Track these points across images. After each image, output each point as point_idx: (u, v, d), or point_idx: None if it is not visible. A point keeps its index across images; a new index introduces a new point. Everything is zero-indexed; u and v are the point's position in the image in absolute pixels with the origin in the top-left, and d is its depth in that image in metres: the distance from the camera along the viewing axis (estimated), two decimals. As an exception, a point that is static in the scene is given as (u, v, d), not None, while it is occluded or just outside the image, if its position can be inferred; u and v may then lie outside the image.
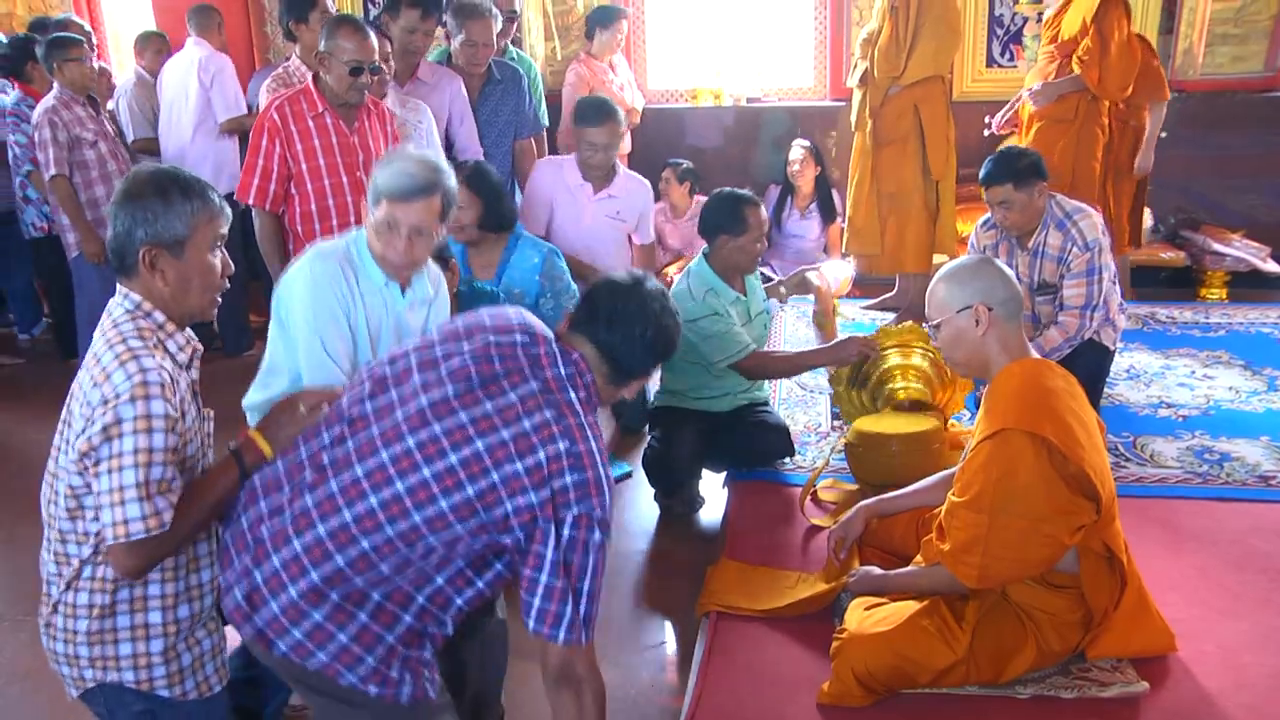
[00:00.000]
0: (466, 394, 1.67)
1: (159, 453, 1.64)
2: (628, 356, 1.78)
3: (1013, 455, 2.07)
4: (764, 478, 3.35)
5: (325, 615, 1.64)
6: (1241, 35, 5.40)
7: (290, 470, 1.72)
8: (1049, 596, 2.21)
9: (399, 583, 1.66)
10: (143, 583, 1.77)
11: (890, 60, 4.54)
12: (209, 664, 1.89)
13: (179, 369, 1.75)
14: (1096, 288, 3.39)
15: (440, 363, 1.73)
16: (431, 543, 1.63)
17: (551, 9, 5.87)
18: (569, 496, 1.63)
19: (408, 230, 2.15)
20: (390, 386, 1.73)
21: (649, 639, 2.68)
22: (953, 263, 2.32)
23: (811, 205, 5.69)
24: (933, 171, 4.67)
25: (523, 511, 1.62)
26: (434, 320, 2.35)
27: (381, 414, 1.70)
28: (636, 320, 1.78)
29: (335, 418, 1.74)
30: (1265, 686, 2.24)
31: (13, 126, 4.80)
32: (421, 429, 1.65)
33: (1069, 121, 4.43)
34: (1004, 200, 3.42)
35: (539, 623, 1.65)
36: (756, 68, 6.13)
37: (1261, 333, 4.63)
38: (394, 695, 1.68)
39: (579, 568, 1.65)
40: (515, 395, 1.67)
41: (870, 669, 2.18)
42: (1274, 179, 5.44)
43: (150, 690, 1.80)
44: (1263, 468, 3.28)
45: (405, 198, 2.13)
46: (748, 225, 3.17)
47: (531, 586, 1.64)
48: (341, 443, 1.70)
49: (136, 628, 1.78)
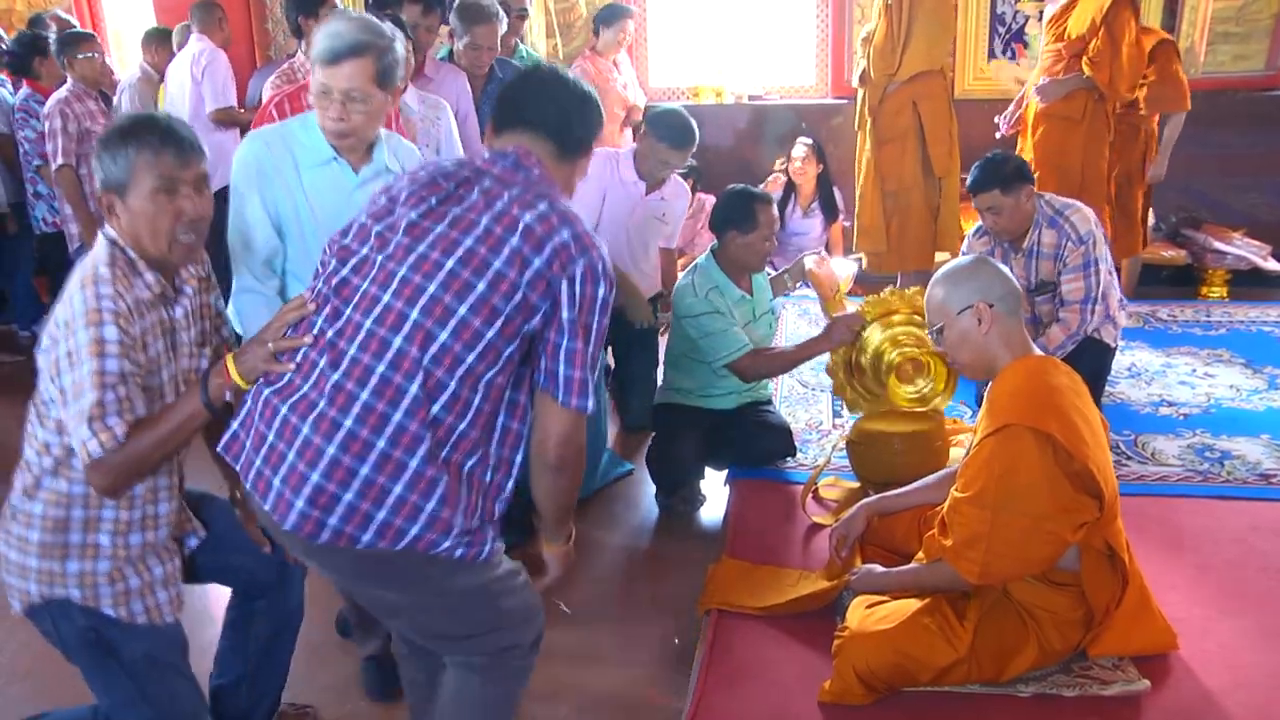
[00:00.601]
0: (430, 212, 1.67)
1: (112, 375, 1.67)
2: (561, 123, 1.76)
3: (1017, 451, 2.07)
4: (765, 476, 3.35)
5: (406, 485, 1.56)
6: (1243, 34, 5.40)
7: (302, 366, 1.65)
8: (1050, 594, 2.21)
9: (460, 426, 1.61)
10: (99, 504, 1.79)
11: (885, 58, 4.55)
12: (160, 591, 1.89)
13: (151, 303, 1.78)
14: (1095, 279, 3.39)
15: (394, 203, 1.71)
16: (472, 363, 1.59)
17: (554, 6, 5.87)
18: (570, 250, 1.62)
19: (340, 95, 2.05)
20: (356, 243, 1.70)
21: (649, 636, 2.68)
22: (948, 265, 2.33)
23: (814, 203, 5.69)
24: (935, 168, 4.67)
25: (536, 281, 1.60)
26: None
27: (361, 267, 1.67)
28: (551, 88, 1.78)
29: (319, 302, 1.69)
30: (1266, 685, 2.24)
31: (21, 122, 4.81)
32: (408, 256, 1.63)
33: (1077, 120, 4.43)
34: (992, 206, 3.43)
35: (568, 393, 1.64)
36: (758, 66, 6.13)
37: (1262, 331, 4.63)
38: (477, 554, 1.65)
39: (592, 329, 1.66)
40: (477, 193, 1.68)
41: (872, 667, 2.18)
42: (1275, 178, 5.45)
43: (96, 608, 1.82)
44: (1263, 466, 3.28)
45: (333, 60, 2.02)
46: (758, 223, 3.17)
47: (556, 354, 1.63)
48: (338, 315, 1.64)
49: (87, 546, 1.81)
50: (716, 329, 3.14)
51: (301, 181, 2.15)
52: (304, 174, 2.15)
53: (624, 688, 2.45)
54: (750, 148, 6.01)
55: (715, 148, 6.01)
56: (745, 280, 3.29)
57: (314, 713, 2.39)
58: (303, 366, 1.64)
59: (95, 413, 1.66)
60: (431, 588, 1.67)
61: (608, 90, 5.27)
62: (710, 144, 6.00)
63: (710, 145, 5.99)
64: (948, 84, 4.66)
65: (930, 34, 4.46)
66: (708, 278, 3.22)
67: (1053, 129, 4.48)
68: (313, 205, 2.16)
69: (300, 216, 2.16)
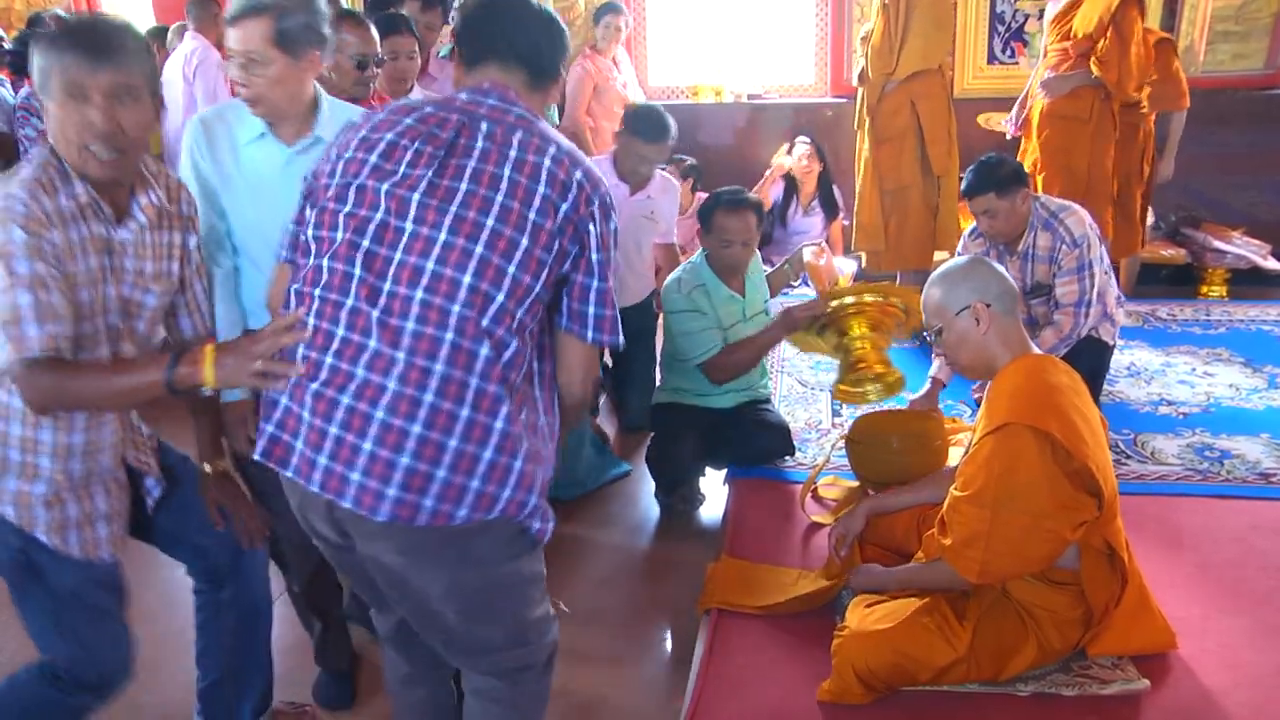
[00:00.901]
0: (444, 168, 1.60)
1: (22, 278, 1.60)
2: (532, 52, 1.72)
3: (1016, 450, 2.07)
4: (765, 475, 3.35)
5: (495, 449, 1.54)
6: (1242, 33, 5.40)
7: (346, 352, 1.55)
8: (1050, 594, 2.21)
9: (519, 381, 1.60)
10: (35, 424, 1.75)
11: (883, 57, 4.55)
12: (101, 526, 1.83)
13: (77, 215, 1.70)
14: (1089, 282, 3.39)
15: (387, 160, 1.61)
16: (522, 317, 1.57)
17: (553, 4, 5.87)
18: (587, 190, 1.62)
19: (239, 58, 1.96)
20: (365, 209, 1.59)
21: (649, 636, 2.68)
22: (943, 266, 2.33)
23: (814, 202, 5.70)
24: (934, 167, 4.67)
25: (566, 226, 1.59)
26: None
27: (385, 235, 1.57)
28: (517, 15, 1.73)
29: (338, 282, 1.57)
30: (1266, 684, 2.24)
31: (21, 121, 4.81)
32: (442, 219, 1.56)
33: (1084, 121, 4.42)
34: (987, 209, 3.43)
35: (599, 331, 1.66)
36: (758, 65, 6.13)
37: (1262, 330, 4.63)
38: (543, 531, 1.66)
39: (607, 264, 1.66)
40: (482, 141, 1.61)
41: (871, 666, 2.18)
42: (1275, 176, 5.44)
43: (29, 531, 1.77)
44: (1263, 465, 3.28)
45: (231, 19, 1.93)
46: (714, 227, 3.18)
47: (586, 295, 1.63)
48: (376, 292, 1.55)
49: (26, 465, 1.77)
50: (694, 328, 3.16)
51: (239, 159, 2.08)
52: (240, 151, 2.08)
53: (623, 687, 2.46)
54: (749, 147, 6.01)
55: (714, 147, 6.01)
56: (737, 280, 3.28)
57: (313, 711, 2.39)
58: (347, 352, 1.54)
59: (8, 317, 1.60)
60: (495, 567, 1.65)
61: (608, 89, 5.28)
62: (709, 143, 6.01)
63: (709, 144, 6.00)
64: (946, 83, 4.65)
65: (926, 33, 4.46)
66: (696, 276, 3.23)
67: (1059, 129, 4.47)
68: (249, 182, 2.09)
69: (238, 194, 2.09)
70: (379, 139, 1.64)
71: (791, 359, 4.52)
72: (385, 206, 1.58)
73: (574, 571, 2.93)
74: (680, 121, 5.96)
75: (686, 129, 6.00)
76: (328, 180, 1.66)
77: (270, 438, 1.60)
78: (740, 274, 3.27)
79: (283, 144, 2.07)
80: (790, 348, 4.62)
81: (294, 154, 2.08)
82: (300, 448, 1.56)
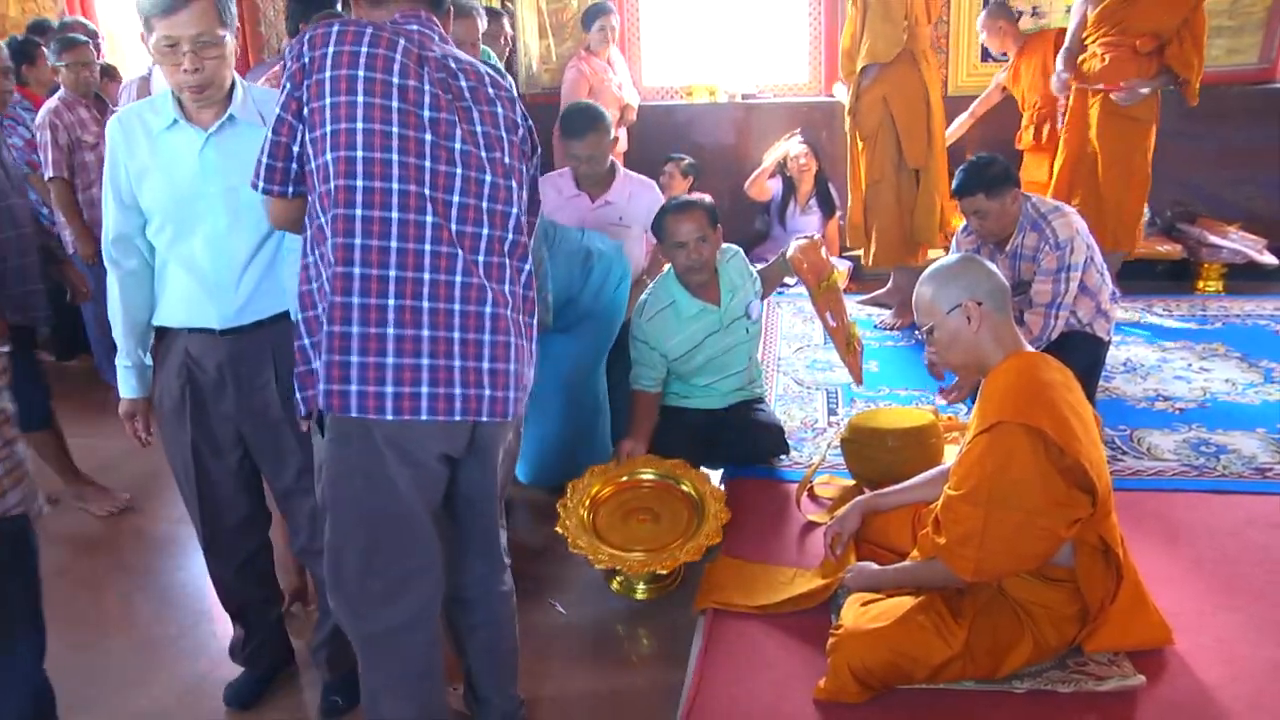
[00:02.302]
0: (454, 109, 1.80)
1: None
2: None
3: (1009, 448, 2.07)
4: (760, 474, 3.35)
5: (528, 339, 1.89)
6: (1236, 28, 5.39)
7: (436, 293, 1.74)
8: (1045, 591, 2.21)
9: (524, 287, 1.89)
10: None
11: (851, 57, 4.60)
12: None
13: None
14: (1064, 286, 3.38)
15: (414, 106, 1.75)
16: (522, 237, 1.88)
17: (545, 6, 5.87)
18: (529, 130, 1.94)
19: (189, 44, 1.95)
20: (421, 157, 1.74)
21: (645, 635, 2.68)
22: (935, 264, 2.32)
23: (811, 200, 5.71)
24: (910, 161, 4.65)
25: (528, 154, 1.94)
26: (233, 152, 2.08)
27: (440, 180, 1.75)
28: None
29: (414, 231, 1.72)
30: (1262, 678, 2.24)
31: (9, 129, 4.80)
32: (490, 150, 1.83)
33: (1148, 122, 4.45)
34: (978, 210, 3.44)
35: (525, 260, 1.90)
36: (752, 64, 6.13)
37: (1258, 325, 4.63)
38: None
39: None
40: (464, 81, 1.82)
41: (867, 665, 2.18)
42: (1270, 171, 5.44)
43: None
44: (1259, 460, 3.28)
45: (171, 9, 1.92)
46: (664, 234, 3.16)
47: (522, 227, 1.88)
48: (454, 230, 1.77)
49: None
50: (638, 358, 3.23)
51: (155, 148, 2.07)
52: (157, 140, 2.07)
53: (619, 687, 2.45)
54: (744, 146, 6.02)
55: (709, 146, 6.02)
56: (710, 290, 3.22)
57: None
58: (440, 293, 1.75)
59: None
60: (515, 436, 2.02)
61: (603, 90, 5.28)
62: (705, 143, 6.02)
63: (705, 144, 6.01)
64: (922, 76, 4.62)
65: (875, 28, 4.48)
66: (665, 294, 3.21)
67: (1125, 129, 4.45)
68: (165, 170, 2.07)
69: (155, 184, 2.07)
70: (396, 83, 1.74)
71: (788, 358, 4.52)
72: (435, 156, 1.76)
73: (570, 572, 2.93)
74: (675, 122, 6.03)
75: (681, 129, 6.03)
76: (348, 125, 1.71)
77: (395, 395, 1.72)
78: (706, 276, 3.19)
79: (198, 128, 2.06)
80: (787, 348, 4.62)
81: (210, 135, 2.06)
82: (428, 390, 1.72)
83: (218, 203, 2.05)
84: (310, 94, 1.72)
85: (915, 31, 4.51)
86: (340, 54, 1.70)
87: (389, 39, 1.73)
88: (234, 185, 2.04)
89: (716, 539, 2.76)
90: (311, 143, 1.73)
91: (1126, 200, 4.54)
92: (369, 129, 1.69)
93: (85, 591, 3.03)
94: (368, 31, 1.72)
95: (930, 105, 4.62)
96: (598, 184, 3.58)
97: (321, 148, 1.71)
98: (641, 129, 5.66)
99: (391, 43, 1.73)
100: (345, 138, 1.69)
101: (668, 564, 2.69)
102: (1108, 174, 4.50)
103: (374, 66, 1.70)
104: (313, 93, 1.71)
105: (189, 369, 2.14)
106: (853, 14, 4.59)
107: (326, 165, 1.70)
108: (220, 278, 2.08)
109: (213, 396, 2.15)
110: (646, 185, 3.76)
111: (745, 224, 5.83)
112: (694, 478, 2.99)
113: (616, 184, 3.63)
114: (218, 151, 2.05)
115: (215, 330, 2.11)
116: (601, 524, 2.87)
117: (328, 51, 1.70)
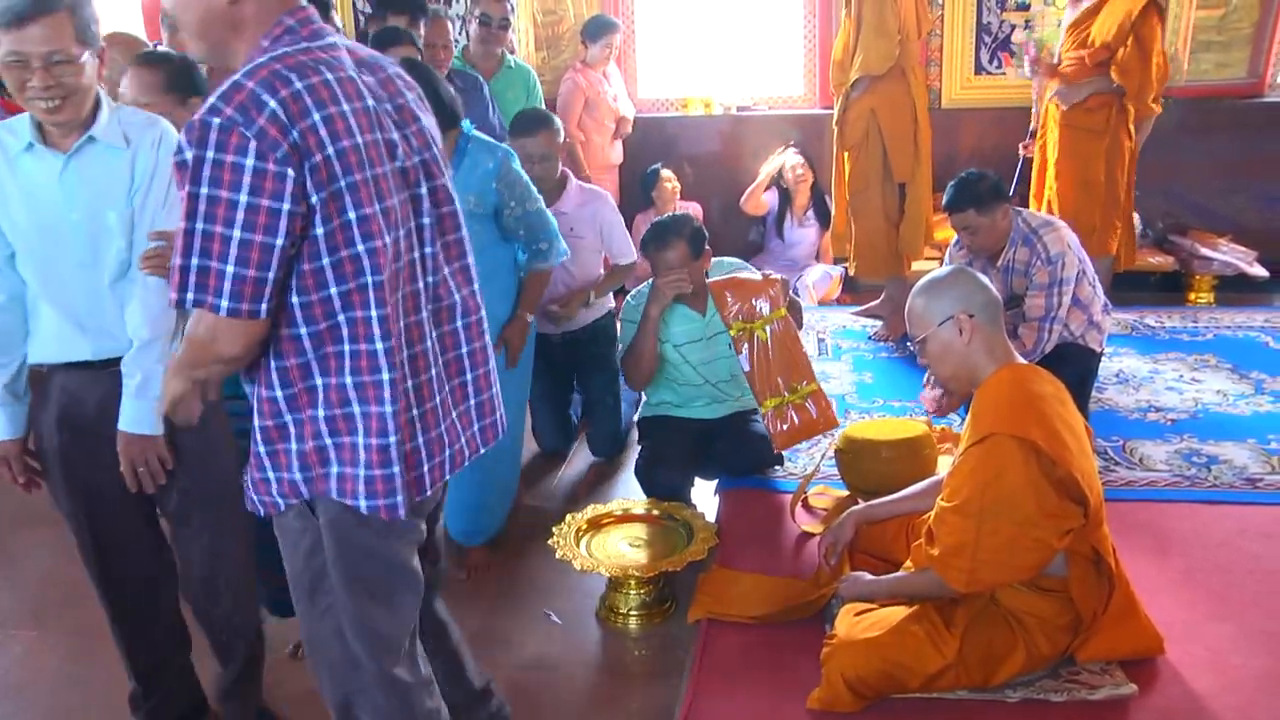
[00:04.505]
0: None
1: None
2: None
3: (1001, 460, 2.09)
4: (755, 485, 3.36)
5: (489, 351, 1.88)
6: (1225, 43, 5.44)
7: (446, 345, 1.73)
8: (1037, 600, 2.22)
9: None
10: None
11: (844, 69, 4.62)
12: None
13: None
14: (1057, 300, 3.40)
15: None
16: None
17: (541, 18, 5.90)
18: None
19: (40, 61, 1.80)
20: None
21: (640, 646, 2.69)
22: (927, 276, 2.33)
23: (808, 212, 5.73)
24: (895, 173, 4.68)
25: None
26: (140, 177, 1.95)
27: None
28: None
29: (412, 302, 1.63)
30: (1253, 688, 2.26)
31: None
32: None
33: (1100, 133, 4.44)
34: (968, 225, 3.47)
35: None
36: (747, 76, 6.16)
37: (1249, 336, 4.66)
38: None
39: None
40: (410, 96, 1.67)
41: (860, 674, 2.19)
42: (1260, 183, 5.48)
43: None
44: (1250, 470, 3.30)
45: (18, 21, 1.77)
46: (650, 259, 3.17)
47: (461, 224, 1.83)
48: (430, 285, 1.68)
49: None
50: (625, 337, 3.25)
51: (14, 171, 1.94)
52: (15, 163, 1.94)
53: (614, 697, 2.46)
54: (739, 158, 6.04)
55: (704, 158, 6.04)
56: (698, 300, 3.23)
57: None
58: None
59: None
60: None
61: (599, 102, 5.29)
62: (699, 154, 6.04)
63: (699, 156, 6.03)
64: (910, 90, 4.64)
65: (868, 41, 4.51)
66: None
67: (1076, 142, 4.47)
68: (24, 195, 1.94)
69: (14, 211, 1.94)
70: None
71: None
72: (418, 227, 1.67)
73: (564, 581, 2.94)
74: (670, 133, 6.04)
75: (676, 141, 6.05)
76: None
77: (419, 476, 1.66)
78: (697, 293, 3.20)
79: (55, 151, 1.92)
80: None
81: (68, 158, 1.92)
82: (449, 453, 1.72)
83: (81, 230, 1.92)
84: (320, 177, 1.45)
85: (905, 46, 4.54)
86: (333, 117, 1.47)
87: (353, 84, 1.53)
88: (97, 210, 1.92)
89: (700, 556, 2.77)
90: (327, 236, 1.47)
91: (1083, 211, 4.49)
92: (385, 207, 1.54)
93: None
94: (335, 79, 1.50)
95: (918, 119, 4.65)
96: (549, 193, 3.44)
97: (350, 237, 1.48)
98: (636, 141, 5.69)
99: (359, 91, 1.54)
100: (377, 223, 1.51)
101: (648, 570, 2.71)
102: (1060, 183, 4.53)
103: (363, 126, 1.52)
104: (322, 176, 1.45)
105: (66, 409, 2.02)
106: (846, 26, 4.63)
107: (360, 257, 1.50)
108: (91, 306, 1.96)
109: (93, 439, 2.01)
110: (598, 195, 3.75)
111: (739, 236, 5.84)
112: (687, 515, 2.98)
113: (568, 194, 3.60)
114: (79, 176, 1.92)
115: (91, 361, 1.99)
116: (594, 543, 2.90)
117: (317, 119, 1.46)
